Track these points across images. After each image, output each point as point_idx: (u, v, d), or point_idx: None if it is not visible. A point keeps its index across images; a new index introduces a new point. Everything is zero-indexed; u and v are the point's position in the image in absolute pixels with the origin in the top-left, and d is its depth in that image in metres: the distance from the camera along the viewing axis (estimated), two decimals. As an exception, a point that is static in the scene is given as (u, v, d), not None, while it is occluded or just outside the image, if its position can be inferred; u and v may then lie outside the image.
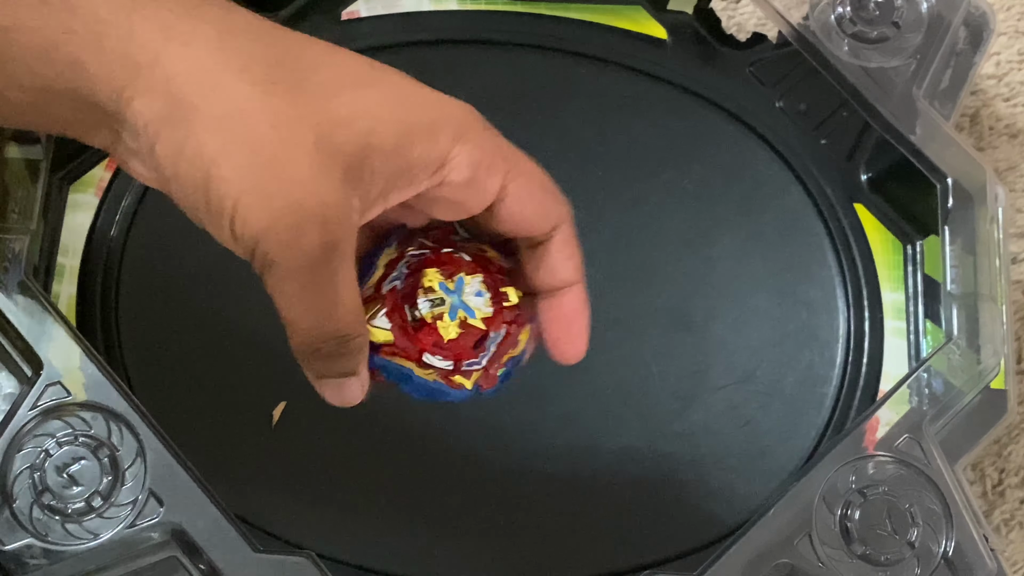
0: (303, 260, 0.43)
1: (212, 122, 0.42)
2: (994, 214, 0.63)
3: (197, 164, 0.42)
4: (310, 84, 0.43)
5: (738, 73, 0.72)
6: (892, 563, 0.56)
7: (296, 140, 0.42)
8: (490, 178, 0.46)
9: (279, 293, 0.44)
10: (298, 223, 0.42)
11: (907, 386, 0.59)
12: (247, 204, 0.42)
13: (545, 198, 0.48)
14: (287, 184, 0.42)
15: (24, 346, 0.55)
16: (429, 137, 0.45)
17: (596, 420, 0.65)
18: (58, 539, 0.52)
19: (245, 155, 0.42)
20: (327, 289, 0.44)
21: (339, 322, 0.45)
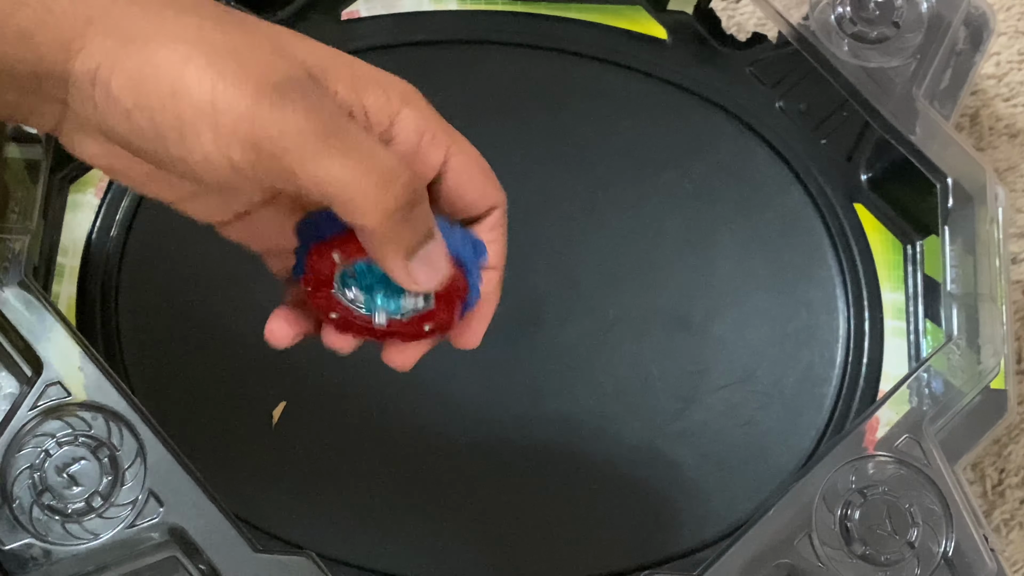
0: (306, 110, 0.41)
1: (169, 43, 0.41)
2: (994, 214, 0.63)
3: (161, 80, 0.41)
4: (260, 28, 0.44)
5: (738, 73, 0.72)
6: (892, 563, 0.56)
7: (255, 48, 0.42)
8: (433, 149, 0.46)
9: (310, 164, 0.41)
10: (282, 82, 0.41)
11: (907, 386, 0.59)
12: (224, 93, 0.40)
13: (485, 178, 0.48)
14: (256, 64, 0.41)
15: (24, 346, 0.55)
16: (380, 91, 0.44)
17: (596, 420, 0.65)
18: (58, 539, 0.52)
19: (207, 56, 0.41)
20: (351, 135, 0.41)
21: (388, 161, 0.42)
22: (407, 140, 0.45)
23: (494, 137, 0.69)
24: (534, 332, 0.66)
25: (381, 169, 0.41)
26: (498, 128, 0.70)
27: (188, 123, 0.41)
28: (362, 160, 0.41)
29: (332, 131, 0.41)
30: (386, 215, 0.42)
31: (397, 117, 0.45)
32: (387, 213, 0.42)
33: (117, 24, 0.42)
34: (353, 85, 0.44)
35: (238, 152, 0.41)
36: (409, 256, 0.44)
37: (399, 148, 0.45)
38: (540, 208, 0.68)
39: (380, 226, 0.42)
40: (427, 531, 0.62)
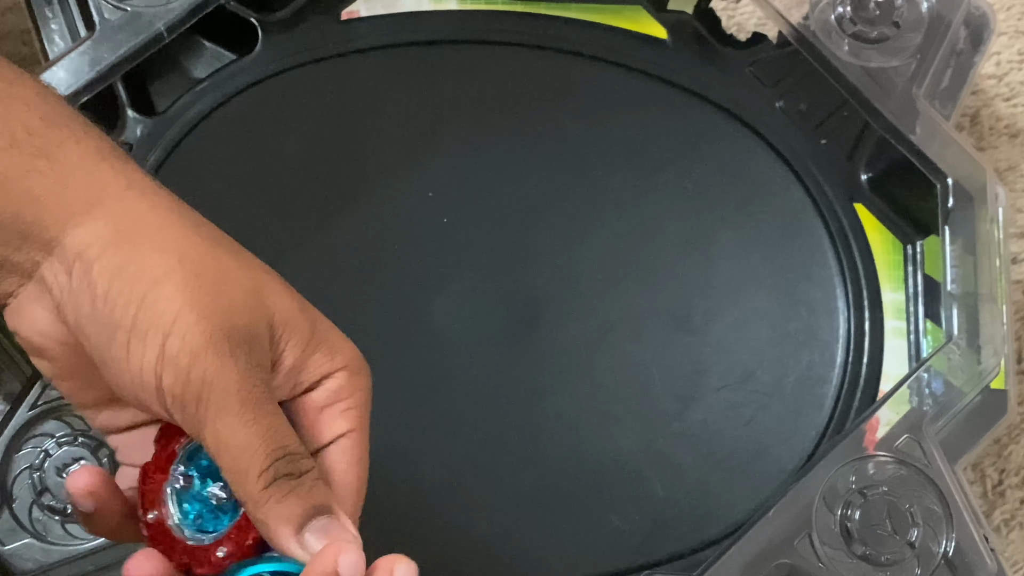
0: (241, 374, 0.42)
1: (161, 251, 0.43)
2: (994, 214, 0.63)
3: (137, 282, 0.42)
4: (247, 258, 0.45)
5: (738, 73, 0.72)
6: (892, 563, 0.56)
7: (235, 280, 0.43)
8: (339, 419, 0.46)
9: (219, 419, 0.42)
10: (237, 338, 0.42)
11: (907, 386, 0.59)
12: (186, 320, 0.42)
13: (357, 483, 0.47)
14: (227, 305, 0.42)
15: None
16: (328, 351, 0.45)
17: (596, 420, 0.65)
18: (58, 539, 0.52)
19: (188, 280, 0.42)
20: (267, 404, 0.43)
21: (286, 435, 0.43)
22: (324, 396, 0.45)
23: (494, 137, 0.69)
24: (534, 332, 0.66)
25: (277, 442, 0.42)
26: (498, 128, 0.69)
27: (142, 330, 0.42)
28: (263, 430, 0.42)
29: (253, 398, 0.42)
30: (263, 485, 0.42)
31: (332, 375, 0.45)
32: (265, 483, 0.42)
33: (123, 214, 0.43)
34: (306, 342, 0.44)
35: (170, 378, 0.42)
36: (297, 528, 0.43)
37: (314, 396, 0.45)
38: (540, 208, 0.68)
39: (257, 497, 0.42)
40: (426, 531, 0.62)
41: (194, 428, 0.42)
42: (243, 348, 0.42)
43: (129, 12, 0.61)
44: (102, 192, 0.43)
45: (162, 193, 0.45)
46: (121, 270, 0.42)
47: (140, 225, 0.43)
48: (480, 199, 0.68)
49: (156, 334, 0.42)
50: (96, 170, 0.44)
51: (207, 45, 0.69)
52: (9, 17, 0.74)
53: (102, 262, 0.42)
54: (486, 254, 0.67)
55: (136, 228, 0.43)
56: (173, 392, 0.42)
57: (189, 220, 0.44)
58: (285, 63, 0.69)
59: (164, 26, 0.61)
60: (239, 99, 0.68)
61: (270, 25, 0.69)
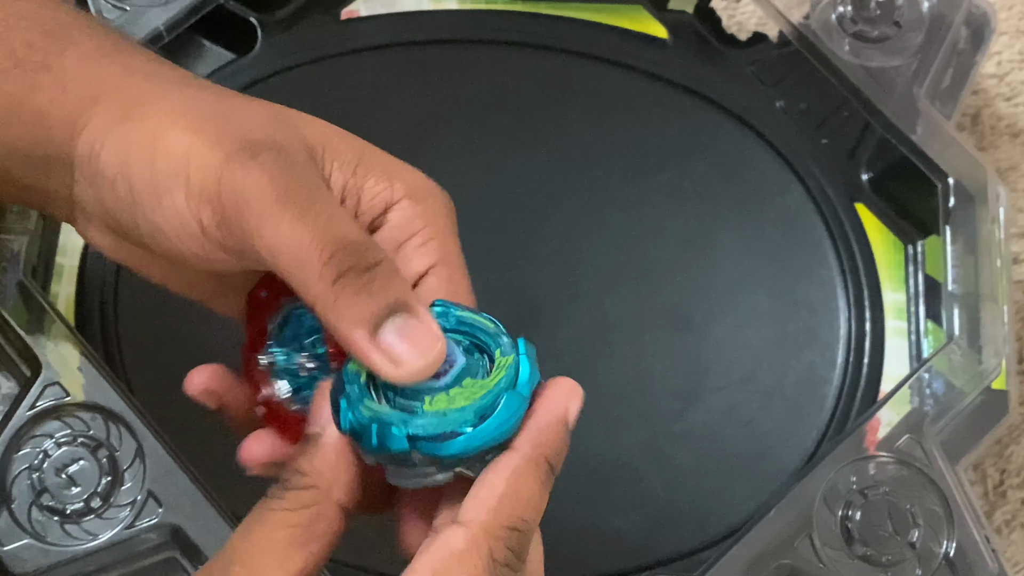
0: (271, 173, 0.39)
1: (162, 111, 0.41)
2: (995, 214, 0.63)
3: (143, 141, 0.40)
4: (268, 104, 0.43)
5: (739, 73, 0.71)
6: (893, 564, 0.56)
7: (251, 112, 0.41)
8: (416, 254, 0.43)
9: (265, 225, 0.38)
10: (255, 145, 0.39)
11: (908, 386, 0.59)
12: (199, 151, 0.39)
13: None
14: (237, 129, 0.40)
15: (23, 346, 0.55)
16: (383, 178, 0.43)
17: (597, 420, 0.65)
18: (57, 540, 0.52)
19: (193, 121, 0.40)
20: (313, 195, 0.39)
21: (344, 226, 0.39)
22: (393, 233, 0.42)
23: (494, 137, 0.69)
24: (534, 332, 0.66)
25: (333, 233, 0.38)
26: (498, 128, 0.69)
27: (162, 182, 0.40)
28: (315, 222, 0.38)
29: (293, 195, 0.39)
30: (328, 283, 0.38)
31: (392, 206, 0.42)
32: (329, 281, 0.38)
33: (121, 100, 0.42)
34: (355, 166, 0.42)
35: (207, 213, 0.39)
36: (372, 330, 0.38)
37: (382, 236, 0.42)
38: (540, 208, 0.68)
39: (324, 296, 0.38)
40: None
41: (249, 250, 0.39)
42: (268, 153, 0.39)
43: (129, 12, 0.61)
44: (100, 87, 0.42)
45: (165, 69, 0.43)
46: (125, 143, 0.41)
47: (140, 102, 0.42)
48: (480, 199, 0.68)
49: (175, 177, 0.39)
50: (95, 68, 0.42)
51: (207, 45, 0.69)
52: (8, 17, 0.74)
53: (107, 148, 0.41)
54: (486, 254, 0.67)
55: (136, 106, 0.41)
56: (215, 224, 0.39)
57: (193, 83, 0.42)
58: (285, 63, 0.69)
59: (164, 26, 0.61)
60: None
61: (270, 25, 0.69)
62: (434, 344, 0.39)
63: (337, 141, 0.42)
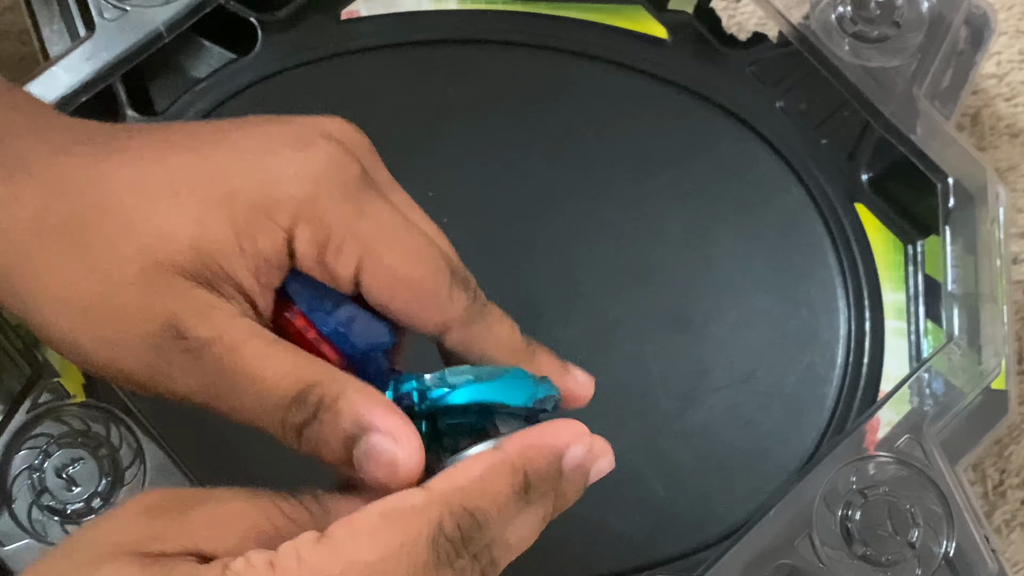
0: (193, 376, 0.41)
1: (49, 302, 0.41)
2: (995, 214, 0.63)
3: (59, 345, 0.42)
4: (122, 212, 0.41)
5: (738, 73, 0.71)
6: (893, 564, 0.56)
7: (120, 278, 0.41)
8: (340, 262, 0.41)
9: (215, 409, 0.42)
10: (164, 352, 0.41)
11: (908, 386, 0.59)
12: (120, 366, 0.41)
13: (414, 296, 0.42)
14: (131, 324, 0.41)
15: (23, 346, 0.55)
16: (267, 222, 0.41)
17: (596, 420, 0.65)
18: (57, 540, 0.52)
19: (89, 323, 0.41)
20: (239, 382, 0.41)
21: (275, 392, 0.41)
22: (308, 254, 0.41)
23: (494, 137, 0.69)
24: (534, 332, 0.66)
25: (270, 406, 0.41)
26: (498, 128, 0.69)
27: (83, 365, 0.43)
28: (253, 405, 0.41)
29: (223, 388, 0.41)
30: (295, 444, 0.41)
31: (294, 236, 0.41)
32: (295, 443, 0.41)
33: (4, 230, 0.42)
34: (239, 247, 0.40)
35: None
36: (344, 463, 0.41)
37: (302, 261, 0.41)
38: (540, 208, 0.68)
39: (302, 452, 0.42)
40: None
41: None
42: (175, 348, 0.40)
43: (129, 12, 0.61)
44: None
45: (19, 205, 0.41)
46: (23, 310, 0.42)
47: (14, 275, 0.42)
48: (480, 199, 0.68)
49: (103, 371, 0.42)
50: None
51: (207, 45, 0.69)
52: (8, 16, 0.74)
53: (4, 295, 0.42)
54: (486, 254, 0.67)
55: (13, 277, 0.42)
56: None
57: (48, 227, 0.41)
58: (285, 63, 0.69)
59: (164, 26, 0.61)
60: (239, 99, 0.68)
61: (270, 25, 0.69)
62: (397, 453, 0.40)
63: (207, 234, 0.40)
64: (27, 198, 0.41)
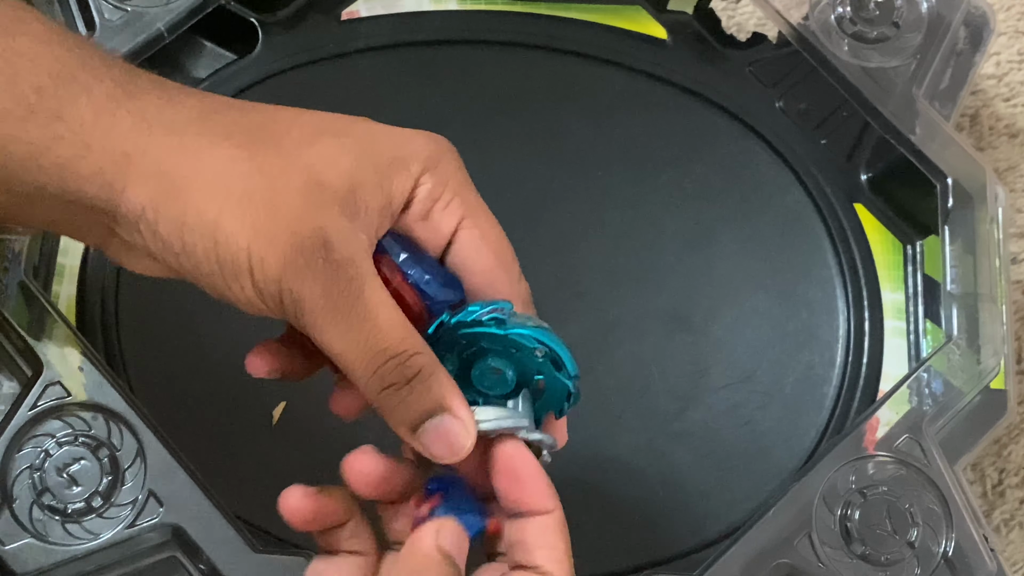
0: (322, 283, 0.43)
1: (206, 188, 0.43)
2: (994, 214, 0.63)
3: (202, 230, 0.43)
4: (289, 139, 0.45)
5: (738, 73, 0.72)
6: (892, 563, 0.56)
7: (286, 183, 0.44)
8: (444, 217, 0.47)
9: (319, 331, 0.44)
10: (307, 251, 0.43)
11: (907, 386, 0.59)
12: (258, 251, 0.43)
13: (494, 262, 0.48)
14: (286, 221, 0.43)
15: (24, 346, 0.55)
16: (403, 168, 0.46)
17: (596, 420, 0.65)
18: (58, 539, 0.52)
19: (243, 208, 0.43)
20: (358, 308, 0.43)
21: (385, 339, 0.44)
22: (420, 205, 0.46)
23: (494, 137, 0.70)
24: (534, 332, 0.66)
25: (375, 349, 0.44)
26: (498, 128, 0.70)
27: (228, 272, 0.43)
28: (360, 340, 0.43)
29: (342, 305, 0.43)
30: (375, 393, 0.44)
31: (416, 185, 0.46)
32: (375, 392, 0.44)
33: (155, 165, 0.43)
34: (380, 186, 0.45)
35: (272, 302, 0.44)
36: (412, 429, 0.45)
37: (412, 212, 0.46)
38: (540, 208, 0.68)
39: (375, 401, 0.45)
40: (427, 531, 0.62)
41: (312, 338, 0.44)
42: (319, 253, 0.43)
43: (129, 12, 0.61)
44: (126, 144, 0.43)
45: (183, 114, 0.44)
46: (182, 225, 0.43)
47: (176, 169, 0.43)
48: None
49: (243, 274, 0.43)
50: (113, 123, 0.43)
51: (207, 45, 0.69)
52: (9, 17, 0.74)
53: (164, 224, 0.43)
54: (486, 254, 0.67)
55: (174, 173, 0.43)
56: (280, 310, 0.44)
57: (219, 134, 0.44)
58: (285, 63, 0.69)
59: (164, 26, 0.61)
60: (239, 99, 0.68)
61: (270, 25, 0.69)
62: (464, 441, 0.45)
63: (358, 178, 0.45)
64: (192, 103, 0.45)
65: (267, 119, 0.45)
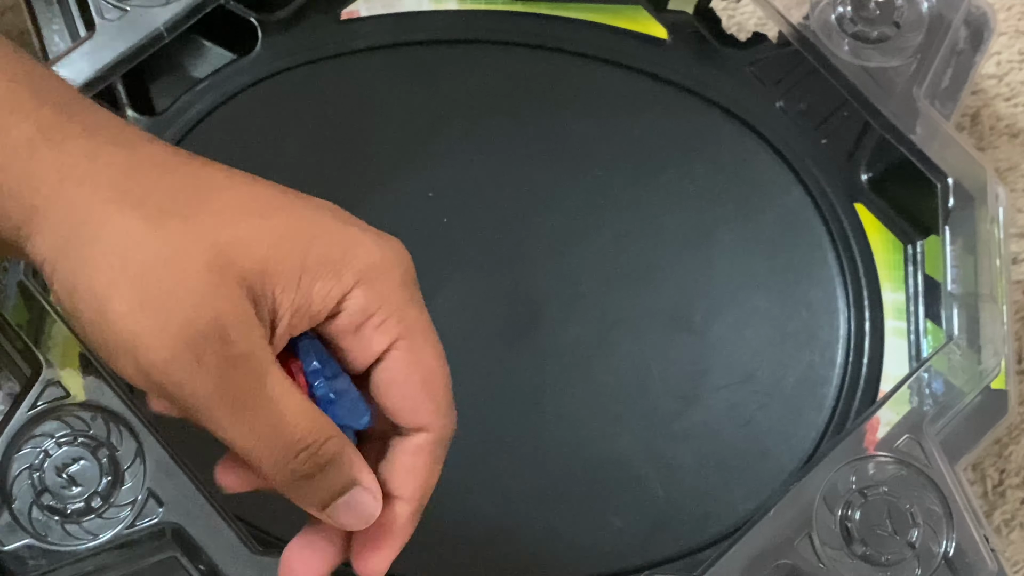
0: (215, 380, 0.41)
1: (102, 258, 0.41)
2: (995, 214, 0.63)
3: (91, 301, 0.41)
4: (207, 212, 0.42)
5: (738, 73, 0.72)
6: (893, 563, 0.56)
7: (187, 263, 0.41)
8: (375, 335, 0.44)
9: (218, 427, 0.42)
10: (198, 341, 0.40)
11: (908, 386, 0.59)
12: (146, 339, 0.40)
13: (421, 391, 0.45)
14: (179, 305, 0.40)
15: (23, 346, 0.55)
16: (332, 275, 0.43)
17: (596, 420, 0.65)
18: (57, 540, 0.52)
19: (136, 287, 0.41)
20: (260, 402, 0.41)
21: (294, 431, 0.42)
22: (350, 319, 0.43)
23: (494, 137, 0.69)
24: (534, 332, 0.66)
25: (284, 442, 0.42)
26: (498, 128, 0.69)
27: (113, 350, 0.41)
28: (266, 434, 0.42)
29: (241, 400, 0.41)
30: (287, 484, 0.43)
31: (346, 297, 0.43)
32: (287, 483, 0.43)
33: (58, 222, 0.42)
34: (298, 278, 0.42)
35: (156, 392, 0.42)
36: (323, 508, 0.44)
37: (339, 323, 0.44)
38: (540, 208, 0.68)
39: (286, 490, 0.44)
40: (426, 531, 0.62)
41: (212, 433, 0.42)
42: (212, 348, 0.40)
43: (129, 12, 0.61)
44: (34, 198, 0.42)
45: (103, 172, 0.42)
46: (73, 290, 0.41)
47: (77, 230, 0.41)
48: (480, 199, 0.68)
49: (125, 353, 0.41)
50: (26, 171, 0.42)
51: (207, 45, 0.69)
52: (9, 17, 0.74)
53: (57, 281, 0.42)
54: (486, 254, 0.67)
55: (74, 236, 0.41)
56: (171, 402, 0.42)
57: (131, 201, 0.42)
58: (285, 63, 0.69)
59: (164, 26, 0.61)
60: (239, 99, 0.68)
61: (270, 25, 0.69)
62: (375, 510, 0.45)
63: (273, 263, 0.42)
64: (119, 159, 0.42)
65: (193, 185, 0.43)
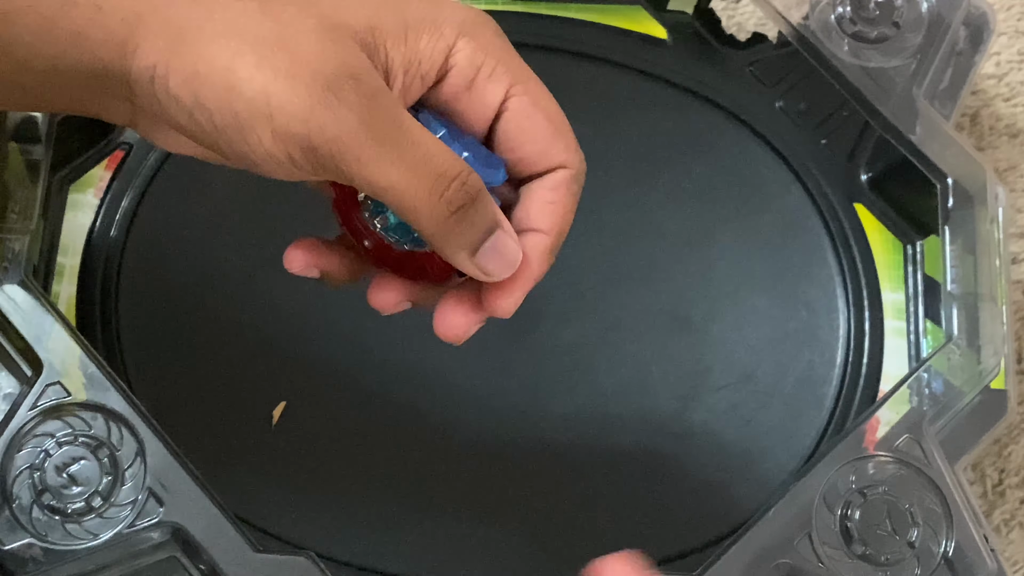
0: (358, 114, 0.40)
1: (218, 37, 0.41)
2: (994, 214, 0.63)
3: (214, 79, 0.41)
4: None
5: (738, 73, 0.72)
6: (892, 563, 0.56)
7: (300, 27, 0.41)
8: (490, 86, 0.44)
9: (364, 167, 0.41)
10: (333, 82, 0.40)
11: (907, 386, 0.59)
12: (278, 93, 0.40)
13: (549, 131, 0.45)
14: (306, 59, 0.40)
15: (24, 346, 0.55)
16: (434, 29, 0.43)
17: (596, 420, 0.65)
18: (58, 539, 0.52)
19: (258, 52, 0.40)
20: (404, 134, 0.41)
21: (441, 162, 0.42)
22: (461, 75, 0.44)
23: (494, 137, 0.70)
24: (534, 332, 0.66)
25: (434, 174, 0.42)
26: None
27: (245, 122, 0.41)
28: (415, 165, 0.41)
29: (386, 133, 0.41)
30: (441, 220, 0.42)
31: (452, 51, 0.44)
32: (442, 218, 0.42)
33: (167, 20, 0.42)
34: (404, 36, 0.43)
35: (297, 152, 0.41)
36: (473, 252, 0.44)
37: (452, 83, 0.44)
38: (540, 208, 0.68)
39: (437, 230, 0.42)
40: (427, 531, 0.62)
41: (347, 180, 0.42)
42: (348, 86, 0.40)
43: (129, 12, 0.61)
44: (137, 6, 0.42)
45: None
46: (194, 76, 0.41)
47: (187, 21, 0.41)
48: (480, 199, 0.68)
49: (258, 119, 0.41)
50: None
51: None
52: (9, 17, 0.74)
53: (174, 77, 0.41)
54: (486, 254, 0.67)
55: (185, 27, 0.41)
56: (309, 160, 0.41)
57: None
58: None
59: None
60: None
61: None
62: (518, 255, 0.44)
63: (377, 19, 0.43)
64: None
65: None
